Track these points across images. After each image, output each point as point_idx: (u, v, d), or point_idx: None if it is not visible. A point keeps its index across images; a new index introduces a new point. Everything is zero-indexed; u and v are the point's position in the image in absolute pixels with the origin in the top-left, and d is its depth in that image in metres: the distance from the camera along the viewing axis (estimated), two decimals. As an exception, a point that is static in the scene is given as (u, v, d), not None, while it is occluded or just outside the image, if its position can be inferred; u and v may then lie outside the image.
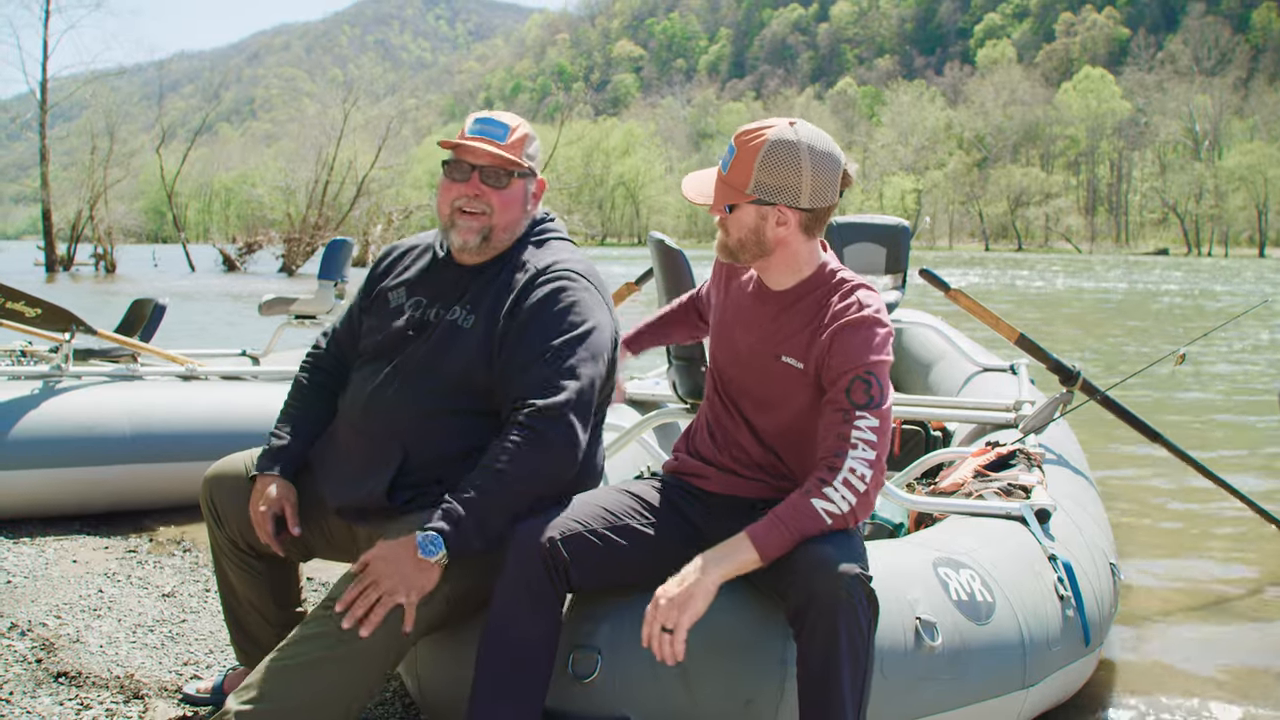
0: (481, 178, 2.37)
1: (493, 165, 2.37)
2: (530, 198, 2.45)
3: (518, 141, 2.40)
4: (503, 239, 2.41)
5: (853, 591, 1.95)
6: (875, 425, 2.09)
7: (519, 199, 2.42)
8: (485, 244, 2.39)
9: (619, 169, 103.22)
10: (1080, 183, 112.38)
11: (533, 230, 2.48)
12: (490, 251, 2.41)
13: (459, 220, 2.38)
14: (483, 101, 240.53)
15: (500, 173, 2.37)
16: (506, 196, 2.39)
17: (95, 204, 41.85)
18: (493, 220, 2.37)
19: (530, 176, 2.44)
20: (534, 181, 2.46)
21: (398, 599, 2.07)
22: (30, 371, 5.03)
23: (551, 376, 2.21)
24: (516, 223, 2.43)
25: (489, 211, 2.37)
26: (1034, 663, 2.46)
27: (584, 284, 2.37)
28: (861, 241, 5.75)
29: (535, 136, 2.48)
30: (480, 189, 2.37)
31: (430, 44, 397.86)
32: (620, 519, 2.23)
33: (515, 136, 2.39)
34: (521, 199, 2.42)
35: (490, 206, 2.37)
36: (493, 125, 2.39)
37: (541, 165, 2.53)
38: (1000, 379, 4.81)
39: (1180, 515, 5.38)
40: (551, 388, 2.20)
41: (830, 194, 2.20)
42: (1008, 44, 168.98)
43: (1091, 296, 27.73)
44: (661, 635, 1.99)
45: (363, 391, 2.41)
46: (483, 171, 2.37)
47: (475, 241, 2.37)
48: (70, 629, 3.30)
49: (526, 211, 2.45)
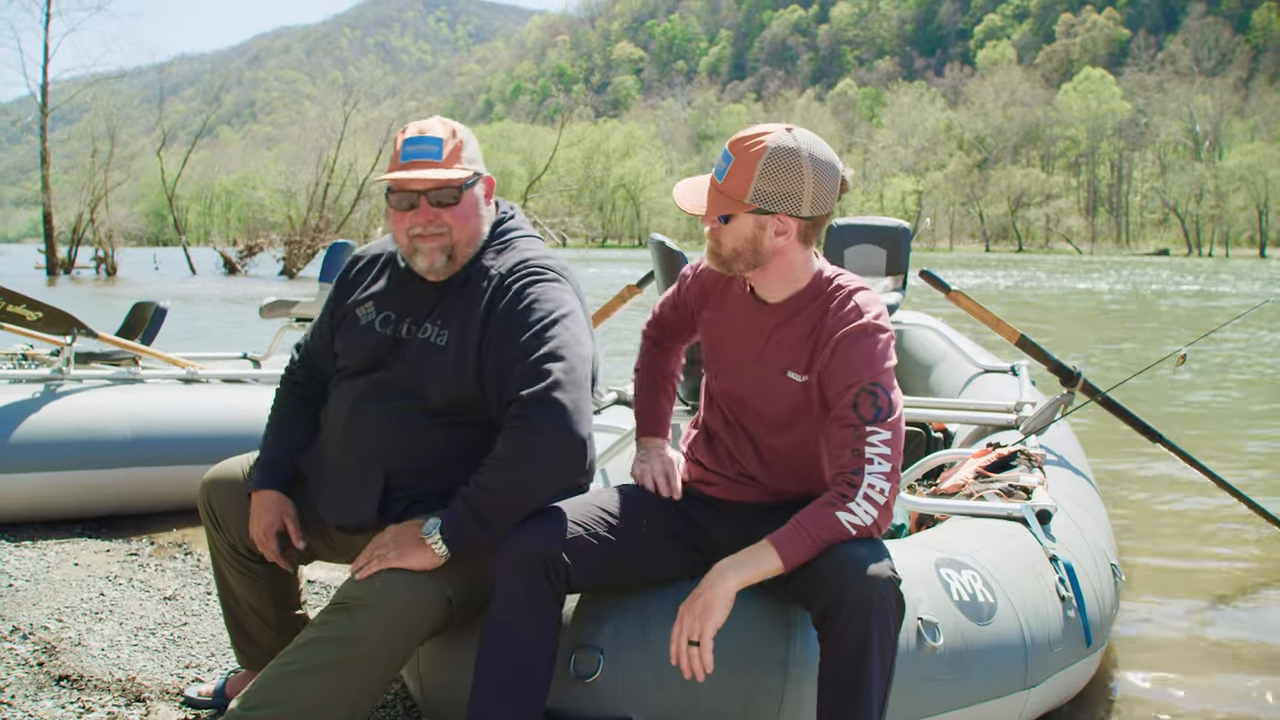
0: (430, 201, 2.29)
1: (438, 188, 2.28)
2: (484, 200, 2.38)
3: (454, 151, 2.30)
4: (467, 252, 2.35)
5: (884, 594, 1.96)
6: (887, 438, 2.08)
7: (474, 208, 2.34)
8: (450, 262, 2.33)
9: (619, 171, 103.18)
10: (1081, 184, 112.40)
11: (494, 234, 2.42)
12: (456, 267, 2.36)
13: (419, 245, 2.30)
14: (483, 104, 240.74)
15: (448, 192, 2.29)
16: (460, 212, 2.31)
17: (96, 207, 41.87)
18: (453, 237, 2.31)
19: (477, 180, 2.37)
20: (482, 182, 2.38)
21: (391, 561, 2.10)
22: (32, 375, 5.03)
23: (533, 367, 2.16)
24: (477, 232, 2.36)
25: (447, 231, 2.30)
26: (1035, 663, 2.46)
27: (550, 276, 2.32)
28: (862, 243, 5.75)
29: (470, 135, 2.38)
30: (432, 213, 2.29)
31: (431, 46, 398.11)
32: (620, 520, 2.22)
33: (451, 147, 2.30)
34: (476, 207, 2.35)
35: (447, 226, 2.30)
36: (425, 144, 2.29)
37: (483, 160, 2.43)
38: (1001, 380, 4.81)
39: (1181, 516, 5.37)
40: (534, 376, 2.15)
41: (830, 201, 2.16)
42: (1008, 45, 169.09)
43: (1092, 297, 27.72)
44: (689, 650, 1.99)
45: (343, 410, 2.38)
46: (429, 195, 2.28)
47: (441, 262, 2.32)
48: (72, 632, 3.30)
49: (484, 215, 2.38)
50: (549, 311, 2.24)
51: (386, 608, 2.06)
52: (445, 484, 2.22)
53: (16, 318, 5.05)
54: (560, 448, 2.12)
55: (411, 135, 2.31)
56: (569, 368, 2.16)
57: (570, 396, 2.13)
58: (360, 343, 2.41)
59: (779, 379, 2.23)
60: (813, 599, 2.02)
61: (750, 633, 2.13)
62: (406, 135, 2.32)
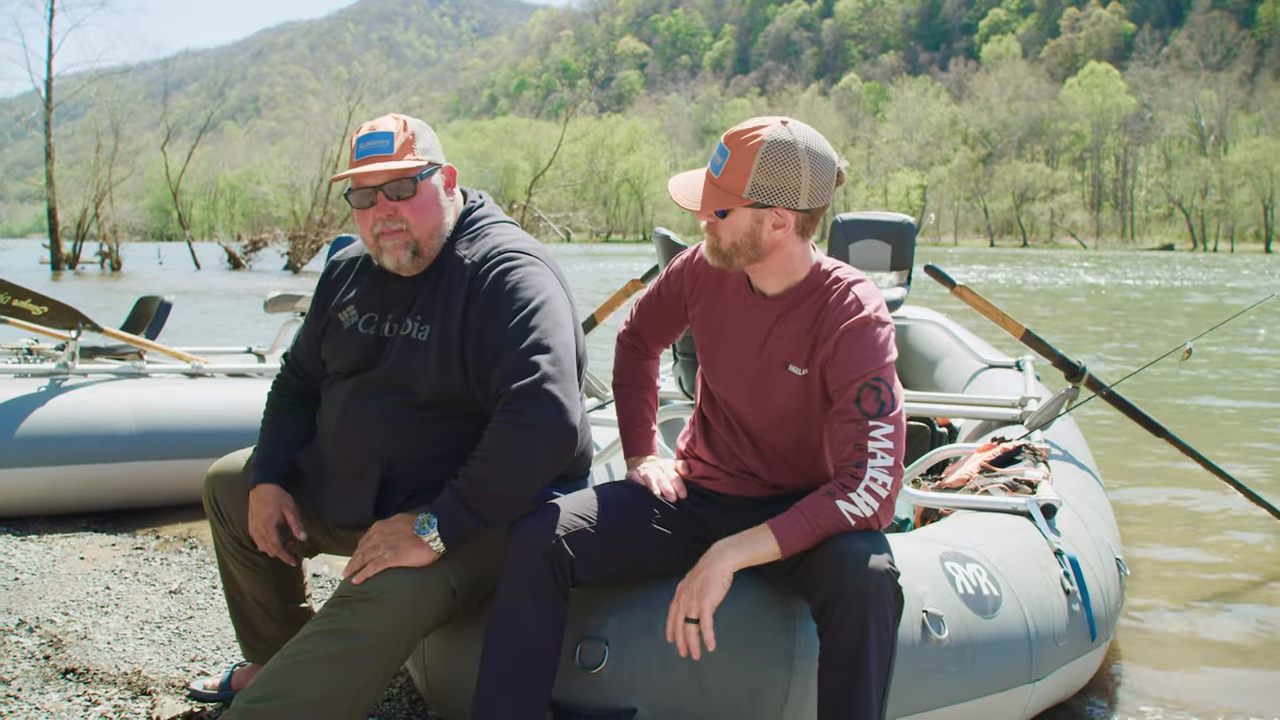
0: (387, 195, 2.29)
1: (390, 181, 2.28)
2: (444, 190, 2.37)
3: (406, 144, 2.30)
4: (433, 245, 2.34)
5: (882, 586, 1.96)
6: (890, 432, 2.08)
7: (433, 199, 2.33)
8: (417, 257, 2.33)
9: (623, 166, 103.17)
10: (1085, 178, 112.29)
11: (463, 223, 2.41)
12: (425, 261, 2.35)
13: (383, 243, 2.31)
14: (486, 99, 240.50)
15: (403, 184, 2.28)
16: (418, 204, 2.30)
17: (100, 202, 41.92)
18: (414, 233, 2.30)
19: (434, 170, 2.34)
20: (440, 173, 2.37)
21: (388, 561, 2.09)
22: (36, 369, 5.04)
23: (520, 358, 2.16)
24: (440, 224, 2.35)
25: (407, 226, 2.29)
26: (1040, 657, 2.46)
27: (526, 259, 2.32)
28: (866, 238, 5.75)
29: (424, 127, 2.37)
30: (390, 208, 2.28)
31: (434, 41, 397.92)
32: (624, 513, 2.23)
33: (402, 140, 2.30)
34: (435, 198, 2.34)
35: (406, 221, 2.29)
36: (376, 139, 2.29)
37: (442, 150, 2.41)
38: (1006, 375, 4.80)
39: (1186, 510, 5.37)
40: (523, 368, 2.15)
41: (827, 194, 2.15)
42: (1012, 39, 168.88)
43: (1097, 292, 27.69)
44: (686, 627, 2.00)
45: (335, 410, 2.39)
46: (385, 189, 2.28)
47: (407, 258, 2.31)
48: (78, 626, 3.31)
49: (446, 206, 2.37)
50: (528, 300, 2.24)
51: (390, 599, 2.07)
52: (440, 477, 2.22)
53: (21, 312, 5.06)
54: (552, 438, 2.14)
55: (364, 133, 2.32)
56: (555, 358, 2.17)
57: (560, 387, 2.15)
58: (346, 346, 2.41)
59: (779, 373, 2.23)
60: (811, 591, 2.02)
61: (755, 624, 2.14)
62: (360, 134, 2.33)
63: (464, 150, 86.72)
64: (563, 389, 2.15)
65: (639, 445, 2.52)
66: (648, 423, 2.56)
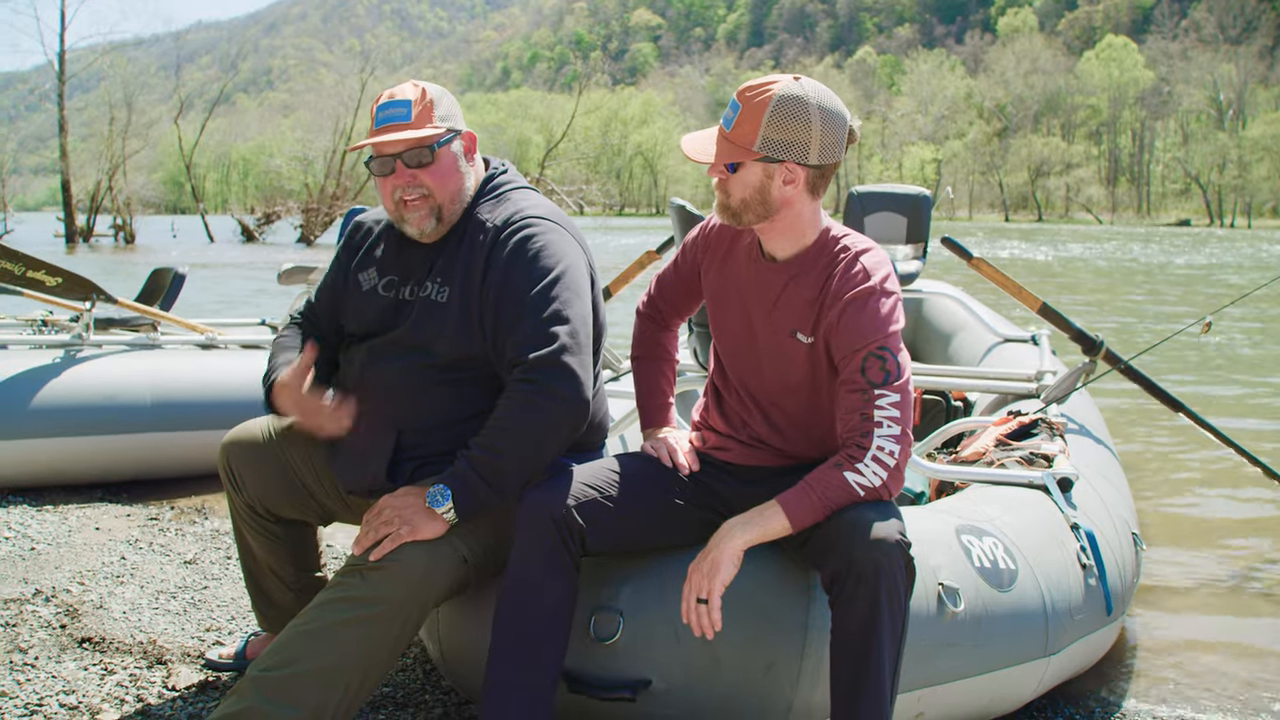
0: (406, 163, 2.29)
1: (410, 148, 2.29)
2: (465, 156, 2.38)
3: (425, 111, 2.31)
4: (454, 210, 2.35)
5: (893, 558, 1.95)
6: (897, 400, 2.06)
7: (452, 165, 2.34)
8: (439, 223, 2.34)
9: (637, 139, 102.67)
10: (1102, 153, 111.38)
11: (485, 189, 2.41)
12: (445, 226, 2.36)
13: (405, 212, 2.32)
14: (500, 71, 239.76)
15: (421, 151, 2.29)
16: (439, 170, 2.31)
17: (114, 175, 42.06)
18: (437, 198, 2.31)
19: (454, 137, 2.35)
20: (460, 139, 2.37)
21: (404, 536, 2.08)
22: (51, 340, 5.05)
23: (539, 328, 2.17)
24: (460, 189, 2.36)
25: (429, 192, 2.31)
26: (1056, 631, 2.46)
27: (547, 225, 2.32)
28: (882, 210, 5.70)
29: (443, 94, 2.38)
30: (410, 175, 2.30)
31: (447, 13, 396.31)
32: (635, 483, 2.22)
33: (420, 108, 2.30)
34: (454, 164, 2.34)
35: (428, 186, 2.30)
36: (394, 107, 2.30)
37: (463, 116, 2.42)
38: (1022, 349, 4.77)
39: (1204, 486, 5.35)
40: (541, 338, 2.16)
41: (838, 150, 2.13)
42: (1029, 12, 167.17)
43: (1113, 266, 27.53)
44: (698, 607, 1.99)
45: (353, 371, 2.40)
46: (404, 157, 2.29)
47: (430, 225, 2.32)
48: (94, 595, 3.33)
49: (466, 172, 2.38)
50: (549, 268, 2.25)
51: (403, 568, 2.07)
52: (453, 443, 2.22)
53: (36, 283, 5.07)
54: (568, 410, 2.15)
55: (383, 101, 2.33)
56: (573, 330, 2.19)
57: (577, 359, 2.17)
58: (365, 308, 2.42)
59: (787, 340, 2.21)
60: (822, 563, 2.01)
61: (771, 595, 2.13)
62: (379, 102, 2.33)
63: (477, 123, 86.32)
64: (579, 361, 2.16)
65: (656, 418, 2.51)
66: (665, 396, 2.55)
